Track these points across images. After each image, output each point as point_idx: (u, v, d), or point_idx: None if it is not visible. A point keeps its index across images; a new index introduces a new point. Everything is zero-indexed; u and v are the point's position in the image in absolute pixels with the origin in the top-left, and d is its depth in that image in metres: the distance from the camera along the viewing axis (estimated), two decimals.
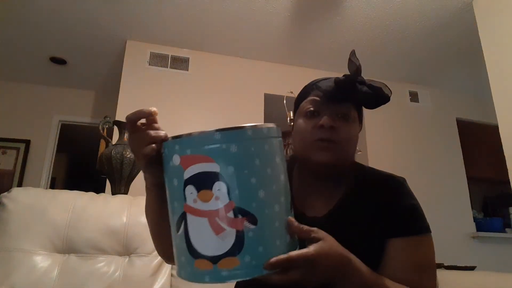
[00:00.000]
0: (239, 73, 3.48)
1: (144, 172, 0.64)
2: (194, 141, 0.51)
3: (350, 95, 0.73)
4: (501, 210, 4.00)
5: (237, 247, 0.48)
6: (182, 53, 3.37)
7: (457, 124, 3.96)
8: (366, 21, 2.92)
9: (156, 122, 0.60)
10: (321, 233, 0.57)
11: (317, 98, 0.75)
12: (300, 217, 0.63)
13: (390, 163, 3.54)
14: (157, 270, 1.29)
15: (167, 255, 0.76)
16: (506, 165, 2.21)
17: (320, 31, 3.07)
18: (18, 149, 3.78)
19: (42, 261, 1.18)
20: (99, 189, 1.86)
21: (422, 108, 3.91)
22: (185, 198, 0.51)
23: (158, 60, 3.30)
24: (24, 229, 1.20)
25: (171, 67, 3.31)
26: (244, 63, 3.53)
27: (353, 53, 0.76)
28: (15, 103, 3.91)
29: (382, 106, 0.76)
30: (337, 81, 0.73)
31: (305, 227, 0.55)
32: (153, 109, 0.59)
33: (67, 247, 1.22)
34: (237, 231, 0.48)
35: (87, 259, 1.22)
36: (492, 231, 3.58)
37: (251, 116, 3.36)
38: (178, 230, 0.52)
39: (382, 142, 3.63)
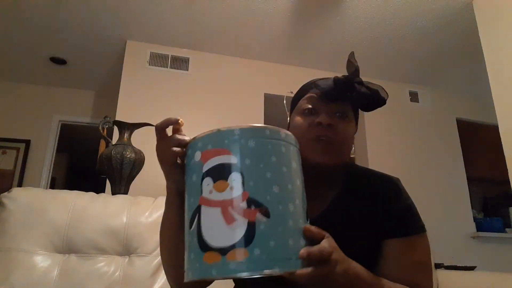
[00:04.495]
0: (239, 73, 3.48)
1: (167, 179, 0.65)
2: (215, 136, 0.54)
3: (348, 95, 0.73)
4: (501, 210, 4.00)
5: (247, 239, 0.47)
6: (182, 53, 3.37)
7: (457, 124, 3.95)
8: (366, 21, 2.92)
9: (181, 131, 0.63)
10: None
11: (315, 96, 0.76)
12: None
13: (390, 163, 3.54)
14: (157, 270, 1.29)
15: (178, 280, 0.70)
16: (506, 165, 2.21)
17: (320, 31, 3.07)
18: (18, 149, 3.77)
19: (42, 261, 1.18)
20: (99, 189, 1.86)
21: (422, 108, 3.91)
22: (201, 191, 0.52)
23: (158, 60, 3.30)
24: (24, 229, 1.20)
25: (171, 67, 3.31)
26: (244, 63, 3.52)
27: (352, 54, 0.76)
28: (15, 103, 3.91)
29: (382, 106, 0.76)
30: (336, 80, 0.73)
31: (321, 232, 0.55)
32: (180, 119, 0.63)
33: (67, 247, 1.22)
34: (249, 222, 0.48)
35: (87, 259, 1.22)
36: (492, 231, 3.57)
37: (251, 116, 3.36)
38: (191, 226, 0.52)
39: (382, 142, 3.63)
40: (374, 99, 0.74)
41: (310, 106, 0.76)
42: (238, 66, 3.50)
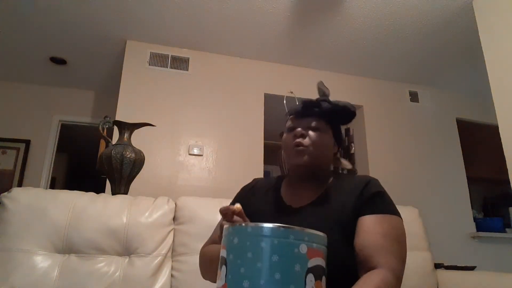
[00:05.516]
0: (239, 73, 3.48)
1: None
2: (224, 233, 0.66)
3: (314, 110, 0.97)
4: (501, 210, 4.00)
5: None
6: (182, 53, 3.37)
7: (457, 124, 3.95)
8: (366, 21, 2.92)
9: (236, 215, 0.76)
10: None
11: (293, 116, 1.01)
12: (288, 208, 0.94)
13: (390, 163, 3.54)
14: (157, 270, 1.29)
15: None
16: (506, 165, 2.21)
17: (320, 31, 3.07)
18: (18, 149, 3.77)
19: (42, 261, 1.18)
20: (99, 189, 1.86)
21: (422, 108, 3.91)
22: None
23: (158, 60, 3.30)
24: (24, 229, 1.20)
25: (171, 67, 3.31)
26: (244, 63, 3.52)
27: (321, 83, 1.02)
28: (15, 103, 3.91)
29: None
30: (304, 101, 0.99)
31: None
32: (237, 206, 0.76)
33: (67, 247, 1.22)
34: None
35: (87, 259, 1.22)
36: (492, 231, 3.57)
37: (251, 116, 3.36)
38: None
39: (382, 142, 3.63)
40: (341, 112, 0.97)
41: (290, 124, 1.00)
42: (238, 66, 3.50)
